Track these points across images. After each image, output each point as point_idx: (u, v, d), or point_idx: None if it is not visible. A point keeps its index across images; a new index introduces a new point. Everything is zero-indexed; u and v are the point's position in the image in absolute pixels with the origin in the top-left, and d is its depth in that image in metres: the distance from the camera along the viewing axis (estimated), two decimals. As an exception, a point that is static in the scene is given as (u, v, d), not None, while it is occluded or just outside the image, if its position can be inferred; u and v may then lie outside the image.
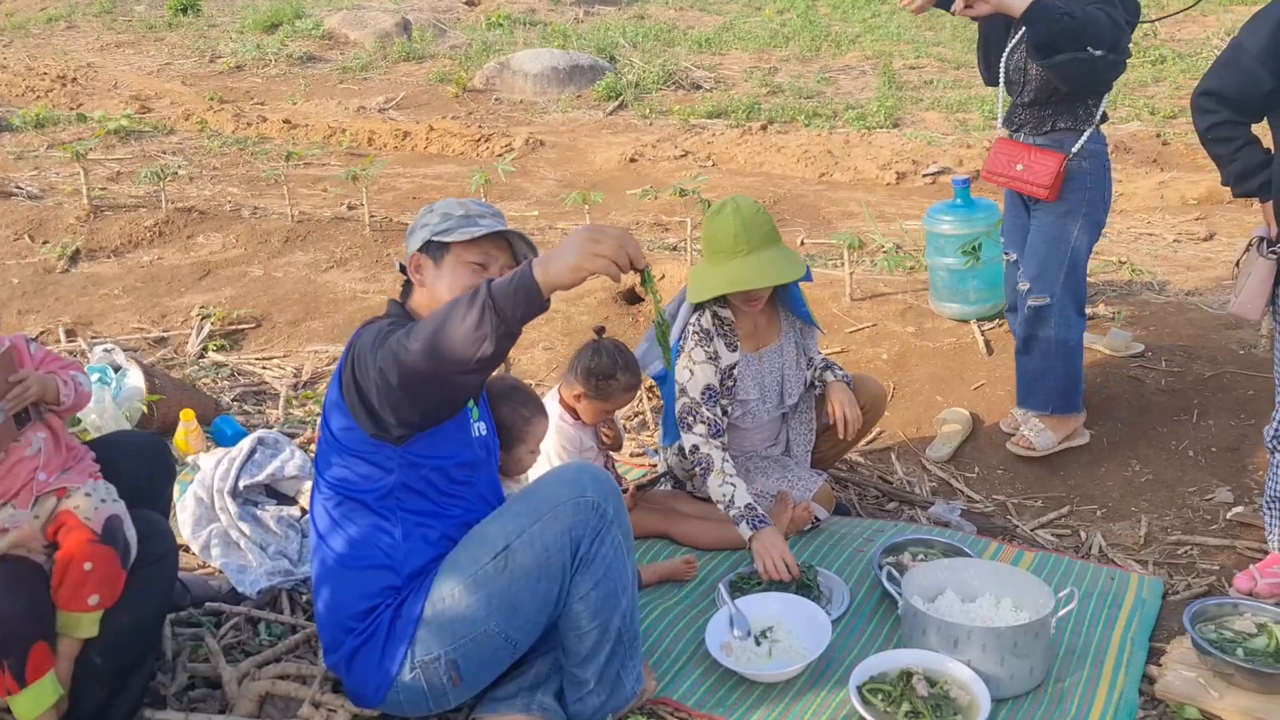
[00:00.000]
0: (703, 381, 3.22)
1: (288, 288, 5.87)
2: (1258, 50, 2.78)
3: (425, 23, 13.69)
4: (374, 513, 2.34)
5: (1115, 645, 2.82)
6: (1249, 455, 3.77)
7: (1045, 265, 3.71)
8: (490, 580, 2.30)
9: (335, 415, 2.33)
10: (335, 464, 2.35)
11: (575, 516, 2.31)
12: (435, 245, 2.42)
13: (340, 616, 2.37)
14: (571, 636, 2.40)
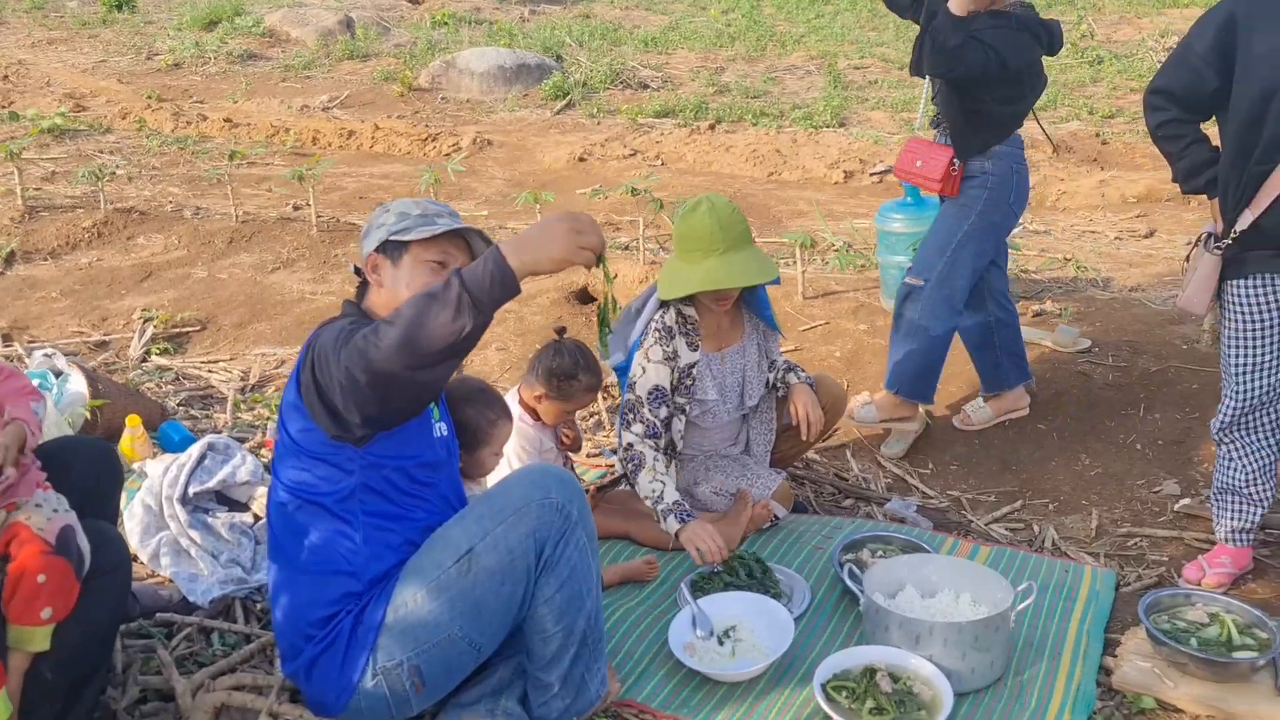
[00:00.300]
0: (653, 381, 3.21)
1: (233, 289, 5.76)
2: (1203, 50, 2.83)
3: (368, 21, 13.53)
4: (334, 516, 2.29)
5: (1072, 637, 2.86)
6: (1194, 448, 3.85)
7: (927, 250, 3.85)
8: (453, 584, 2.27)
9: (293, 417, 2.28)
10: (293, 467, 2.30)
11: (539, 518, 2.28)
12: (393, 245, 2.38)
13: (299, 624, 2.33)
14: (536, 640, 2.37)
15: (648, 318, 3.28)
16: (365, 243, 2.43)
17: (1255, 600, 3.01)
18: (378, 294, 2.40)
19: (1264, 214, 2.80)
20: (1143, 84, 10.06)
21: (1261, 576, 3.19)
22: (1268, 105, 2.71)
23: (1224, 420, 3.07)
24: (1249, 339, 2.95)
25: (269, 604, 2.45)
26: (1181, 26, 11.59)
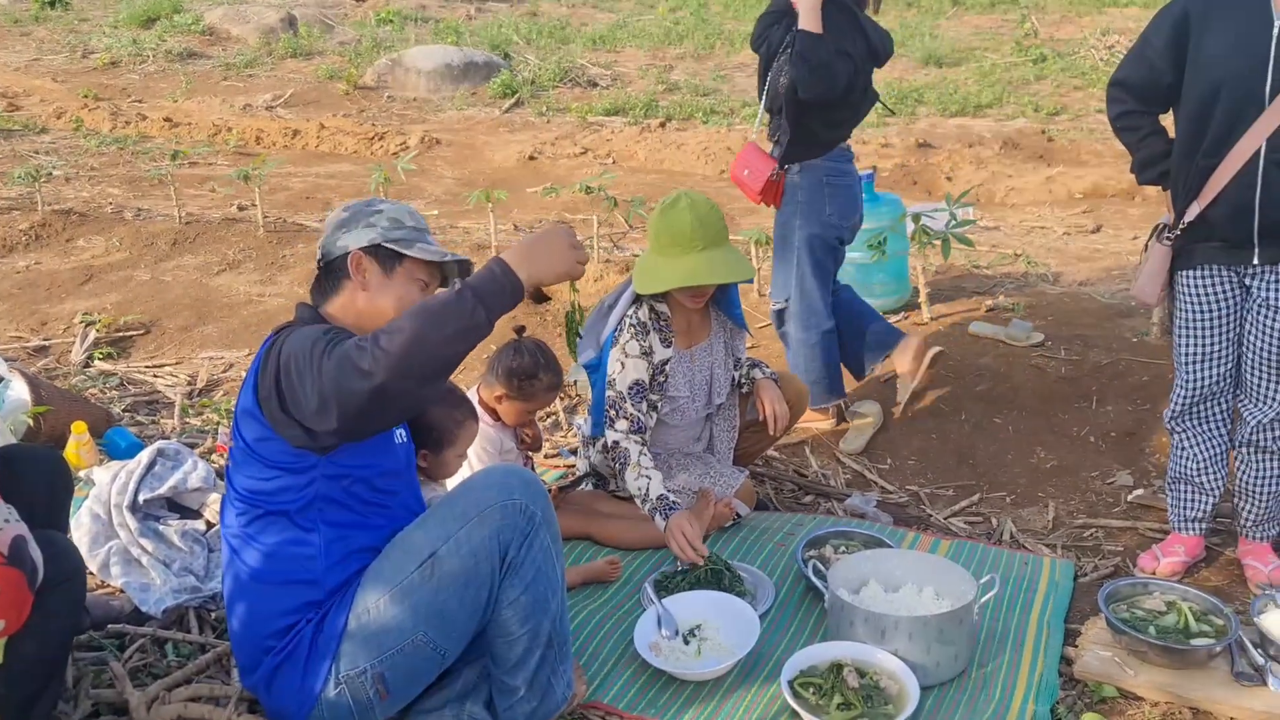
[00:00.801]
0: (632, 376, 3.20)
1: (178, 292, 5.64)
2: (1159, 45, 2.88)
3: (312, 18, 13.35)
4: (295, 525, 2.23)
5: (1033, 628, 2.89)
6: (1145, 439, 3.91)
7: (776, 271, 3.99)
8: (417, 589, 2.23)
9: (249, 425, 2.20)
10: (250, 475, 2.23)
11: (503, 520, 2.24)
12: (387, 252, 2.29)
13: (258, 635, 2.27)
14: (500, 643, 2.33)
15: (620, 314, 3.26)
16: (345, 236, 2.30)
17: (1209, 587, 3.06)
18: (354, 297, 2.29)
19: (1210, 206, 2.85)
20: (1086, 81, 10.30)
21: (1214, 564, 3.24)
22: (1215, 100, 2.77)
23: (1175, 409, 3.12)
24: (1198, 329, 3.00)
25: (224, 614, 2.38)
26: (1121, 25, 11.84)
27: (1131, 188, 7.29)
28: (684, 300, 3.22)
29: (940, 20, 13.54)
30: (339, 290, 2.31)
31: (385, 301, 2.28)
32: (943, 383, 4.26)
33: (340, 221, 2.33)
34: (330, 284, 2.32)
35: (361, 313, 2.28)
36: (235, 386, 4.66)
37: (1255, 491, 3.08)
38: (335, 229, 2.33)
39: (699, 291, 3.18)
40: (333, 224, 2.34)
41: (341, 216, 2.34)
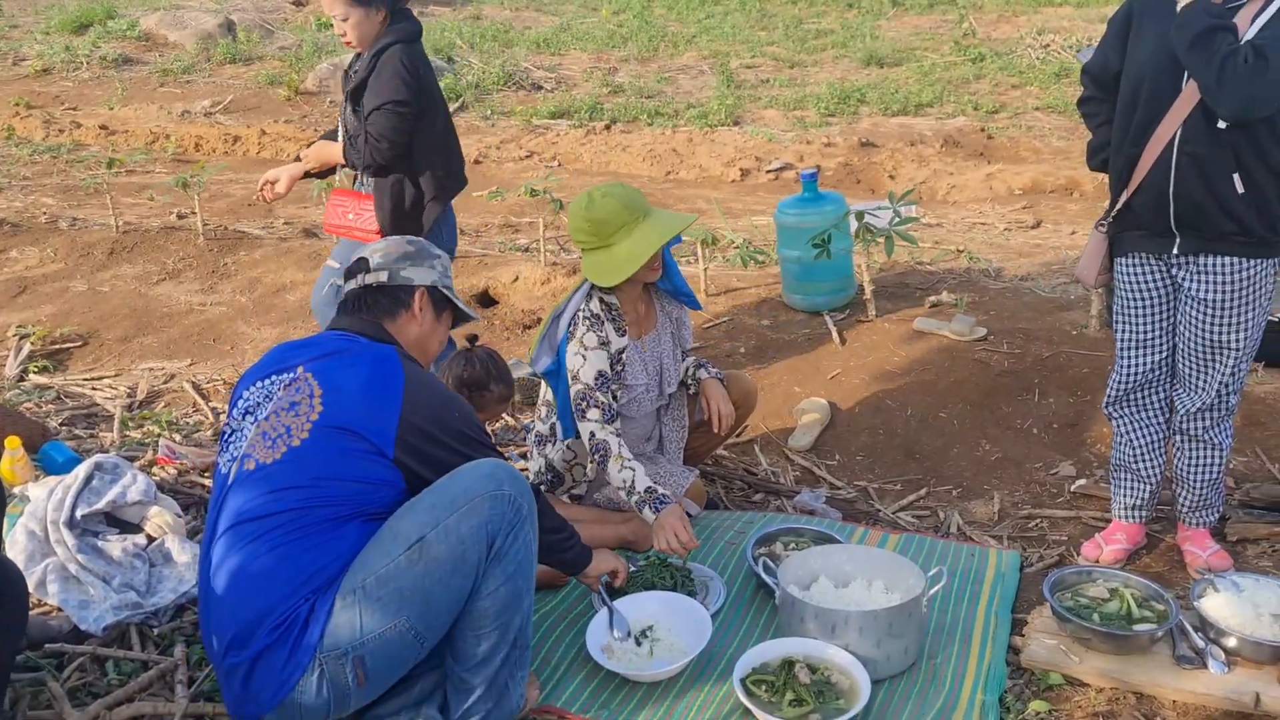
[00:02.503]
0: (596, 367, 3.20)
1: (116, 303, 5.53)
2: (1111, 36, 2.98)
3: (250, 23, 13.16)
4: (367, 522, 2.29)
5: (981, 619, 2.92)
6: (1086, 430, 3.97)
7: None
8: (403, 573, 2.22)
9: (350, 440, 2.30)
10: (339, 478, 2.28)
11: (492, 510, 2.27)
12: (441, 297, 2.65)
13: (265, 615, 2.20)
14: (469, 638, 2.32)
15: (570, 315, 3.25)
16: (411, 269, 2.59)
17: (1151, 574, 3.12)
18: (409, 326, 2.58)
19: (1134, 195, 2.93)
20: (1023, 80, 10.48)
21: (1155, 550, 3.30)
22: (1139, 91, 2.86)
23: (1112, 394, 3.19)
24: (1133, 315, 3.07)
25: (206, 594, 2.29)
26: (1056, 24, 12.06)
27: (1070, 183, 7.43)
28: (646, 275, 3.22)
29: (880, 21, 13.69)
30: (397, 315, 2.57)
31: (433, 343, 2.66)
32: (889, 378, 4.30)
33: (406, 254, 2.61)
34: (389, 305, 2.57)
35: (410, 343, 2.57)
36: (176, 398, 4.58)
37: (1191, 479, 3.15)
38: (401, 258, 2.60)
39: (655, 260, 3.19)
40: (398, 253, 2.61)
41: (407, 249, 2.63)
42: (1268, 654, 2.59)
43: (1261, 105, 2.66)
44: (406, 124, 3.56)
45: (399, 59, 3.54)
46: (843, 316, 4.76)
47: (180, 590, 2.91)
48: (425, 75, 3.62)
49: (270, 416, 2.35)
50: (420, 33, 3.68)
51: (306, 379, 2.37)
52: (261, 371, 2.46)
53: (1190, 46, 2.66)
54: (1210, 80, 2.65)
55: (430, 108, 3.65)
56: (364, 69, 3.62)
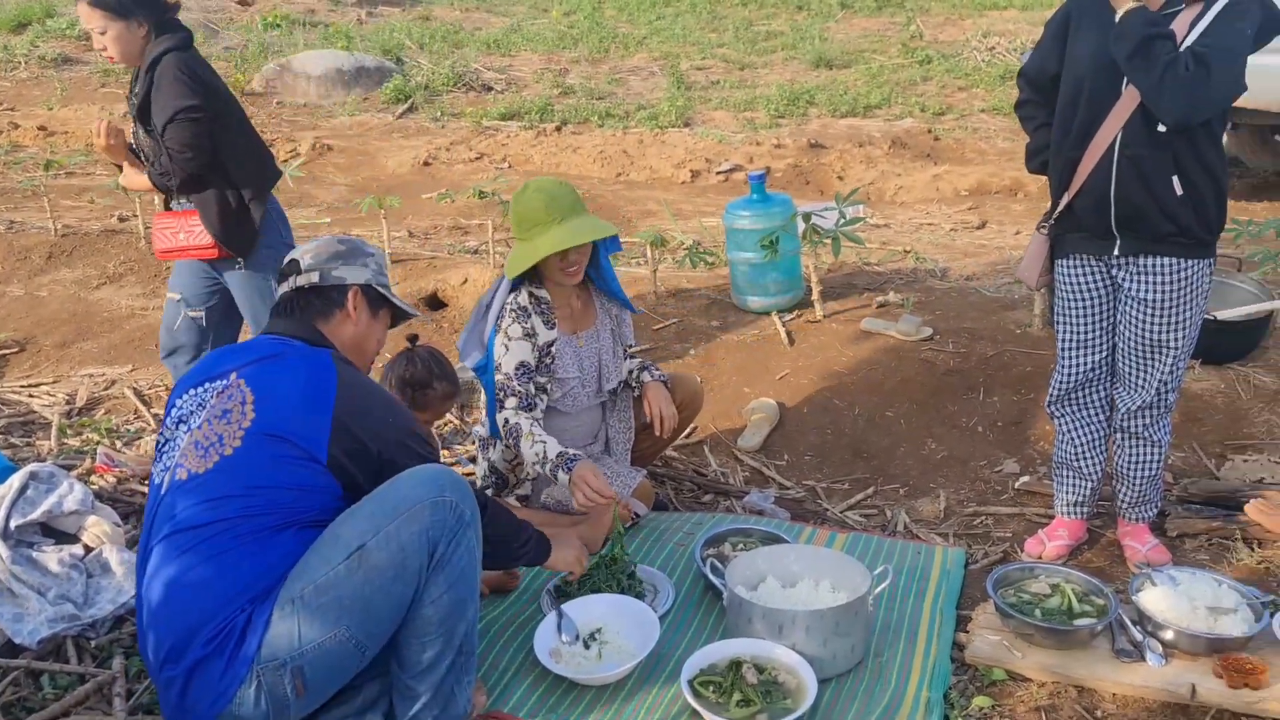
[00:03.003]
0: (517, 358, 3.22)
1: (54, 307, 5.42)
2: (1048, 40, 3.02)
3: (195, 23, 12.94)
4: (303, 529, 2.25)
5: (926, 616, 2.95)
6: (1030, 427, 4.03)
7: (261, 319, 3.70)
8: (343, 581, 2.18)
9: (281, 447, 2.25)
10: (272, 485, 2.24)
11: (433, 517, 2.24)
12: (377, 295, 2.61)
13: (200, 626, 2.16)
14: (414, 646, 2.30)
15: (498, 308, 3.28)
16: (343, 269, 2.55)
17: (1092, 569, 3.17)
18: (343, 326, 2.55)
19: (1075, 197, 2.97)
20: (969, 82, 10.61)
21: (1096, 546, 3.35)
22: (1080, 95, 2.89)
23: (1054, 394, 3.23)
24: (1074, 316, 3.11)
25: (143, 606, 2.24)
26: (1001, 27, 12.22)
27: (1014, 184, 7.54)
28: (560, 276, 3.25)
29: (829, 23, 13.79)
30: (331, 316, 2.54)
31: (370, 342, 2.62)
32: (837, 378, 4.33)
33: (337, 253, 2.58)
34: (322, 307, 2.54)
35: (346, 343, 2.54)
36: (117, 404, 4.50)
37: (1130, 475, 3.20)
38: (332, 257, 2.56)
39: (569, 263, 3.21)
40: (329, 252, 2.57)
41: (338, 248, 2.59)
42: (1203, 646, 2.64)
43: (1202, 111, 2.72)
44: (204, 128, 3.48)
45: (174, 68, 3.45)
46: (791, 317, 4.79)
47: (119, 601, 2.85)
48: (208, 79, 3.53)
49: (203, 425, 2.31)
50: (191, 40, 3.60)
51: (239, 385, 2.33)
52: (195, 379, 2.42)
53: (1131, 55, 2.70)
54: (1151, 88, 2.69)
55: (223, 109, 3.58)
56: (142, 87, 3.53)
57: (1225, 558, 3.22)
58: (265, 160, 3.77)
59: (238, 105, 3.73)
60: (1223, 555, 3.23)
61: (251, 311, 3.75)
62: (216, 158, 3.56)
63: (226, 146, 3.58)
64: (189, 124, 3.45)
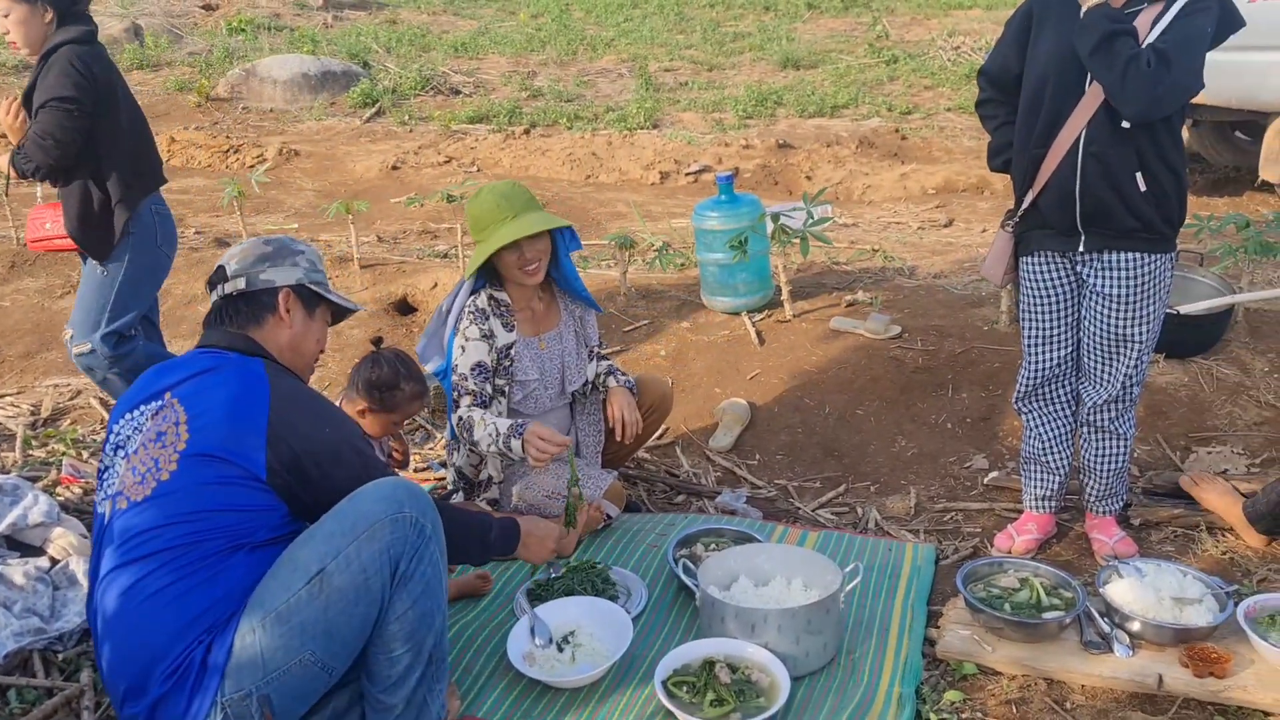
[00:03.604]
0: (474, 358, 3.26)
1: (17, 318, 5.35)
2: (1009, 38, 3.04)
3: (158, 28, 12.84)
4: (255, 552, 2.20)
5: (898, 613, 2.97)
6: (998, 423, 4.06)
7: (84, 312, 3.73)
8: (304, 607, 2.14)
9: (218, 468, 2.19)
10: (214, 508, 2.17)
11: (394, 534, 2.19)
12: (310, 294, 2.52)
13: (155, 662, 2.12)
14: (381, 661, 2.27)
15: (459, 308, 3.33)
16: (270, 271, 2.45)
17: (1060, 562, 3.20)
18: (278, 331, 2.46)
19: (1040, 195, 2.99)
20: (935, 81, 10.69)
21: (1064, 539, 3.39)
22: (1043, 93, 2.91)
23: (1021, 390, 3.26)
24: (1039, 313, 3.14)
25: (98, 643, 2.21)
26: (967, 26, 12.32)
27: (981, 182, 7.60)
28: (519, 276, 3.28)
29: (796, 23, 13.86)
30: (262, 322, 2.45)
31: (309, 344, 2.52)
32: (807, 377, 4.35)
33: (264, 255, 2.47)
34: (253, 313, 2.45)
35: (283, 349, 2.46)
36: (83, 415, 4.45)
37: (1097, 469, 3.24)
38: (258, 260, 2.46)
39: (528, 260, 3.25)
40: (254, 255, 2.47)
41: (264, 250, 2.49)
42: (1169, 636, 2.67)
43: (1164, 106, 2.75)
44: (75, 122, 3.45)
45: (68, 58, 3.45)
46: (761, 317, 4.81)
47: (86, 614, 2.81)
48: (102, 75, 3.51)
49: (139, 450, 2.24)
50: (95, 34, 3.58)
51: (173, 405, 2.26)
52: (131, 401, 2.35)
53: (1093, 51, 2.73)
54: (1114, 84, 2.72)
55: (111, 108, 3.55)
56: (34, 73, 3.52)
57: (1190, 549, 3.26)
58: (145, 167, 3.71)
59: (133, 109, 3.69)
60: (1188, 546, 3.28)
61: (81, 300, 3.74)
62: (90, 155, 3.53)
63: (103, 146, 3.55)
64: (59, 114, 3.43)
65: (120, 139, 3.60)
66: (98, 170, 3.57)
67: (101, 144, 3.55)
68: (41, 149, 3.45)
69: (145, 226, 3.70)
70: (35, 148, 3.45)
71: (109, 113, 3.55)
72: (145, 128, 3.78)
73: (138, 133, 3.71)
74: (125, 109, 3.64)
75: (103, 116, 3.53)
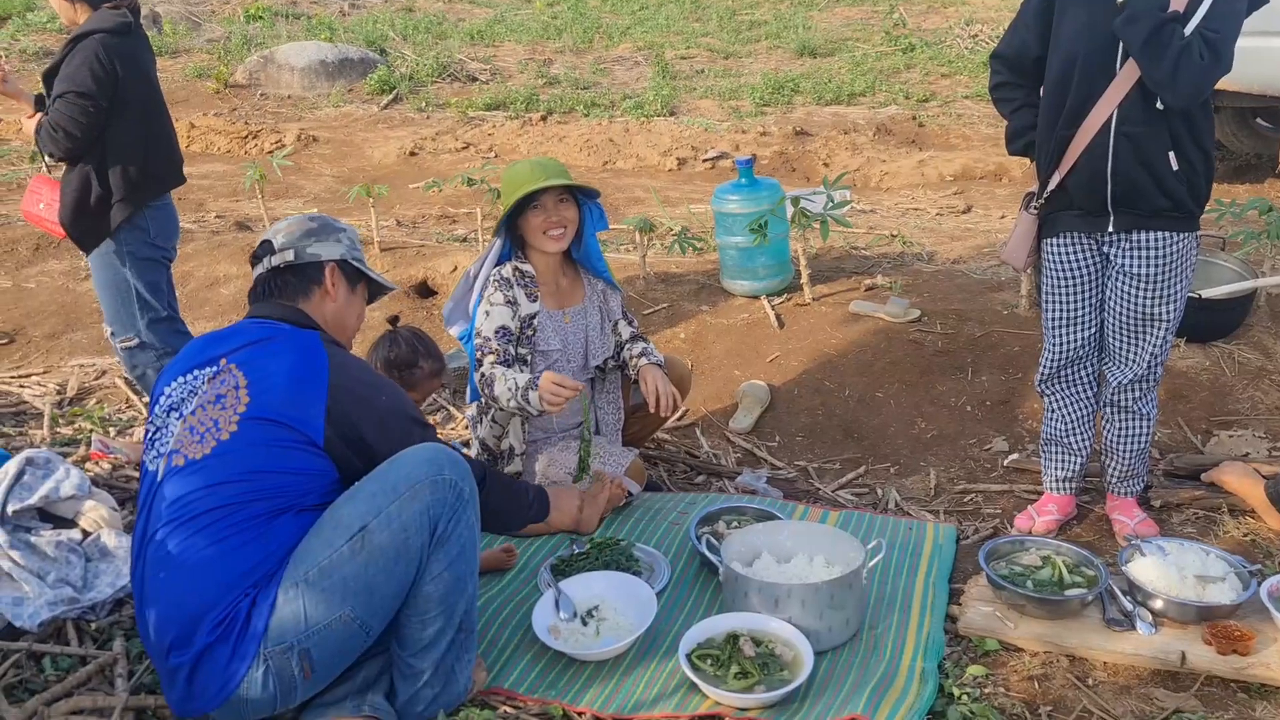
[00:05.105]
0: (497, 322, 3.31)
1: (43, 299, 5.40)
2: (1029, 19, 3.01)
3: (177, 15, 12.89)
4: (302, 514, 2.26)
5: (919, 590, 2.98)
6: (1018, 406, 4.07)
7: (112, 309, 3.75)
8: (346, 563, 2.20)
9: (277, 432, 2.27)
10: (270, 469, 2.24)
11: (434, 495, 2.26)
12: (353, 270, 2.62)
13: (203, 612, 2.18)
14: (414, 623, 2.32)
15: (484, 280, 3.38)
16: (317, 245, 2.55)
17: (1081, 543, 3.21)
18: (323, 303, 2.56)
19: (1068, 176, 2.97)
20: (952, 69, 10.65)
21: (1084, 521, 3.39)
22: (1071, 73, 2.89)
23: (1044, 372, 3.26)
24: (1063, 295, 3.14)
25: (144, 595, 2.24)
26: (984, 15, 12.27)
27: (999, 169, 7.58)
28: (544, 241, 3.34)
29: (813, 12, 13.82)
30: (309, 293, 2.55)
31: (351, 318, 2.63)
32: (827, 360, 4.37)
33: (310, 230, 2.58)
34: (300, 285, 2.54)
35: (328, 320, 2.55)
36: (108, 394, 4.49)
37: (1120, 449, 3.24)
38: (305, 235, 2.57)
39: (554, 223, 3.32)
40: (301, 230, 2.57)
41: (310, 225, 2.59)
42: (1192, 614, 2.69)
43: (1205, 92, 2.75)
44: (90, 118, 3.44)
45: (93, 49, 3.43)
46: (780, 300, 4.82)
47: (118, 585, 2.86)
48: (125, 71, 3.48)
49: (196, 411, 2.31)
50: (129, 27, 3.55)
51: (230, 370, 2.33)
52: (183, 366, 2.42)
53: (1145, 43, 2.69)
54: (1165, 76, 2.69)
55: (128, 105, 3.53)
56: (59, 54, 3.51)
57: (1212, 530, 3.27)
58: (155, 169, 3.66)
59: (156, 107, 3.66)
60: (1209, 528, 3.28)
61: (107, 304, 3.74)
62: (99, 149, 3.52)
63: (115, 143, 3.53)
64: (74, 107, 3.42)
65: (133, 137, 3.57)
66: (102, 163, 3.54)
67: (112, 140, 3.53)
68: (52, 140, 3.46)
69: (137, 225, 3.65)
70: (47, 137, 3.46)
71: (125, 109, 3.52)
72: (166, 127, 3.74)
73: (154, 132, 3.66)
74: (144, 107, 3.60)
75: (118, 113, 3.50)
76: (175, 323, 3.85)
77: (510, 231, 3.39)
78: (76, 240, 3.66)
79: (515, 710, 2.52)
